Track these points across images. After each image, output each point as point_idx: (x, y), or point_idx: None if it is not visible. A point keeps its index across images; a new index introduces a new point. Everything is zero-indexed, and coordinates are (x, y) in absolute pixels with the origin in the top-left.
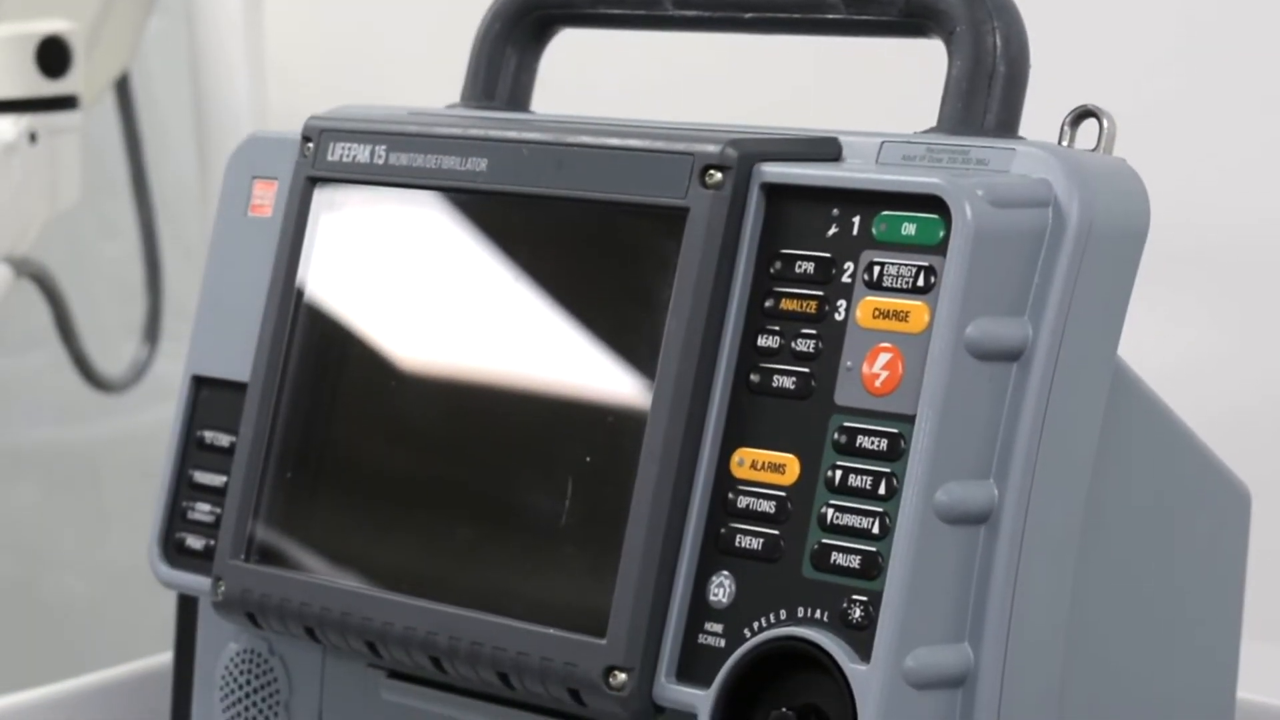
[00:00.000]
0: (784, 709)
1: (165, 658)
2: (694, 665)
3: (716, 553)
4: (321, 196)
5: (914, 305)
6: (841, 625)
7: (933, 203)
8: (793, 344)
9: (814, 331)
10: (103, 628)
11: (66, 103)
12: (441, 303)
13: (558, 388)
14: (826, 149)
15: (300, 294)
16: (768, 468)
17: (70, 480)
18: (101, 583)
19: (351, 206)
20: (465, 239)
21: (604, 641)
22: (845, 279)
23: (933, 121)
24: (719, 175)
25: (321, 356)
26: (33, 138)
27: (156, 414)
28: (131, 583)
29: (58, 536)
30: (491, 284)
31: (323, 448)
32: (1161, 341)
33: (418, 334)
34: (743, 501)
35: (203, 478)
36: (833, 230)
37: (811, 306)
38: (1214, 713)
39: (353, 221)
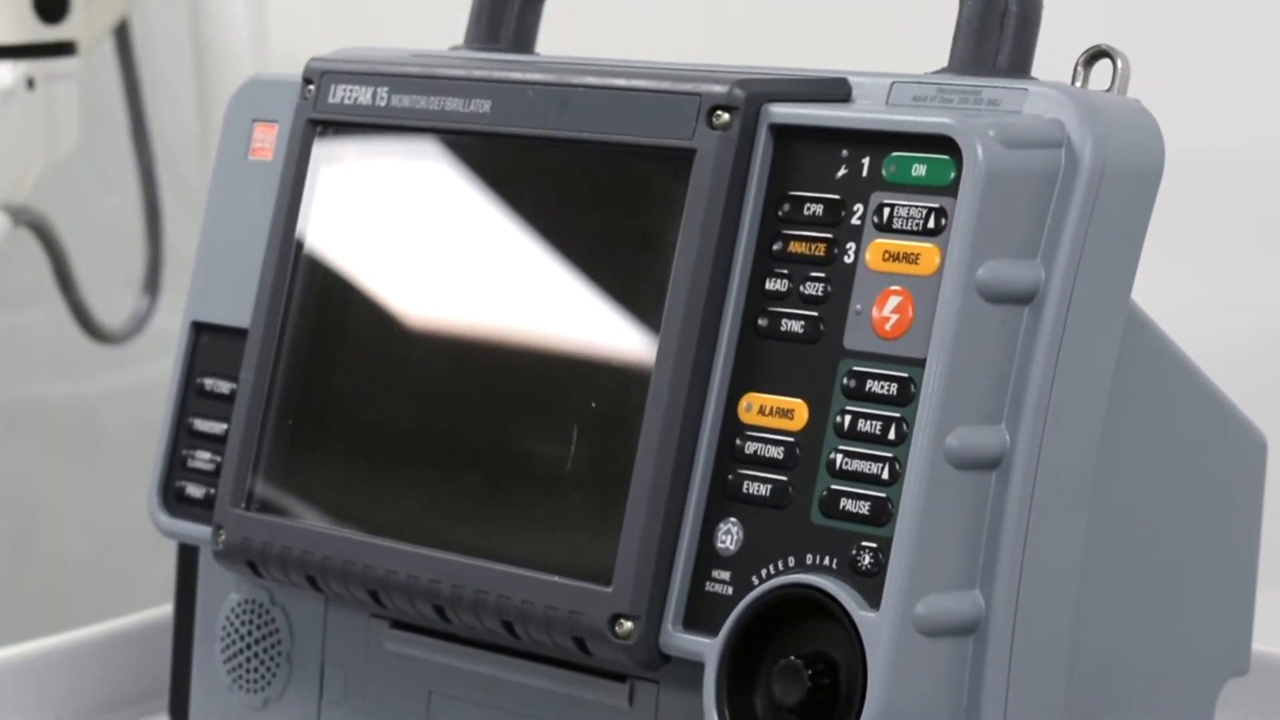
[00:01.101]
0: (792, 657)
1: (165, 610)
2: (701, 613)
3: (724, 499)
4: (321, 149)
5: (924, 247)
6: (851, 572)
7: (943, 143)
8: (801, 287)
9: (823, 274)
10: (102, 585)
11: (64, 49)
12: (444, 248)
13: (562, 334)
14: (836, 90)
15: (300, 240)
16: (776, 413)
17: (69, 436)
18: (101, 540)
19: (351, 159)
20: (467, 184)
21: (610, 589)
22: (854, 221)
23: (944, 62)
24: (726, 116)
25: (323, 303)
26: (30, 84)
27: (157, 368)
28: (131, 539)
29: (57, 492)
30: (494, 229)
31: (325, 395)
32: (1175, 287)
33: (420, 280)
34: (750, 447)
35: (202, 425)
36: (842, 172)
37: (820, 249)
38: (1229, 663)
39: (353, 170)
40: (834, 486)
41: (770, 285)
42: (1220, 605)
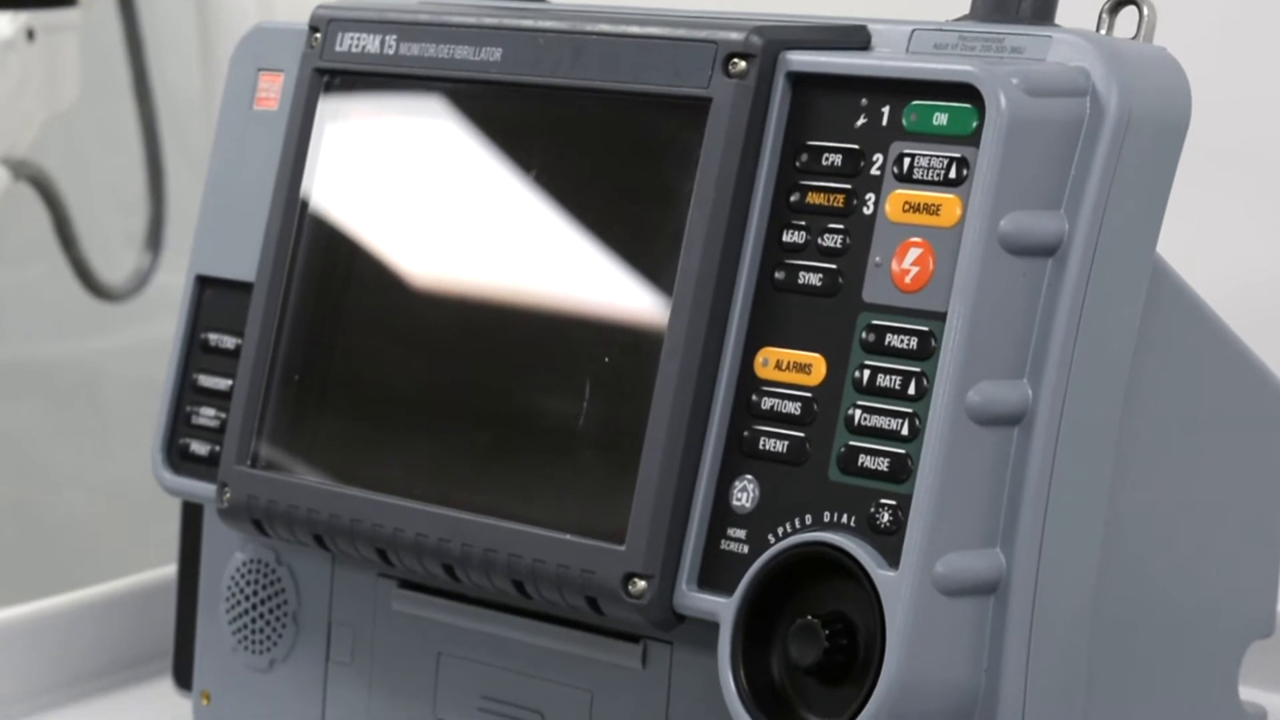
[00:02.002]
0: (809, 617)
1: (169, 570)
2: (716, 572)
3: (740, 456)
4: (327, 105)
5: (945, 198)
6: (869, 530)
7: (965, 91)
8: (819, 239)
9: (841, 226)
10: (104, 547)
11: (65, 0)
12: (453, 201)
13: (575, 287)
14: (855, 37)
15: (306, 194)
16: (793, 368)
17: (71, 395)
18: (103, 500)
19: (357, 115)
20: (477, 136)
21: (623, 548)
22: (874, 171)
23: (965, 9)
24: (743, 64)
25: (330, 257)
26: (30, 35)
27: (159, 327)
28: (134, 500)
29: (58, 452)
30: (504, 182)
31: (332, 350)
32: (1201, 241)
33: (429, 233)
34: (767, 403)
35: (207, 381)
36: (861, 121)
37: (839, 200)
38: (1253, 625)
39: (359, 124)
40: (852, 443)
41: (787, 237)
42: (1246, 566)
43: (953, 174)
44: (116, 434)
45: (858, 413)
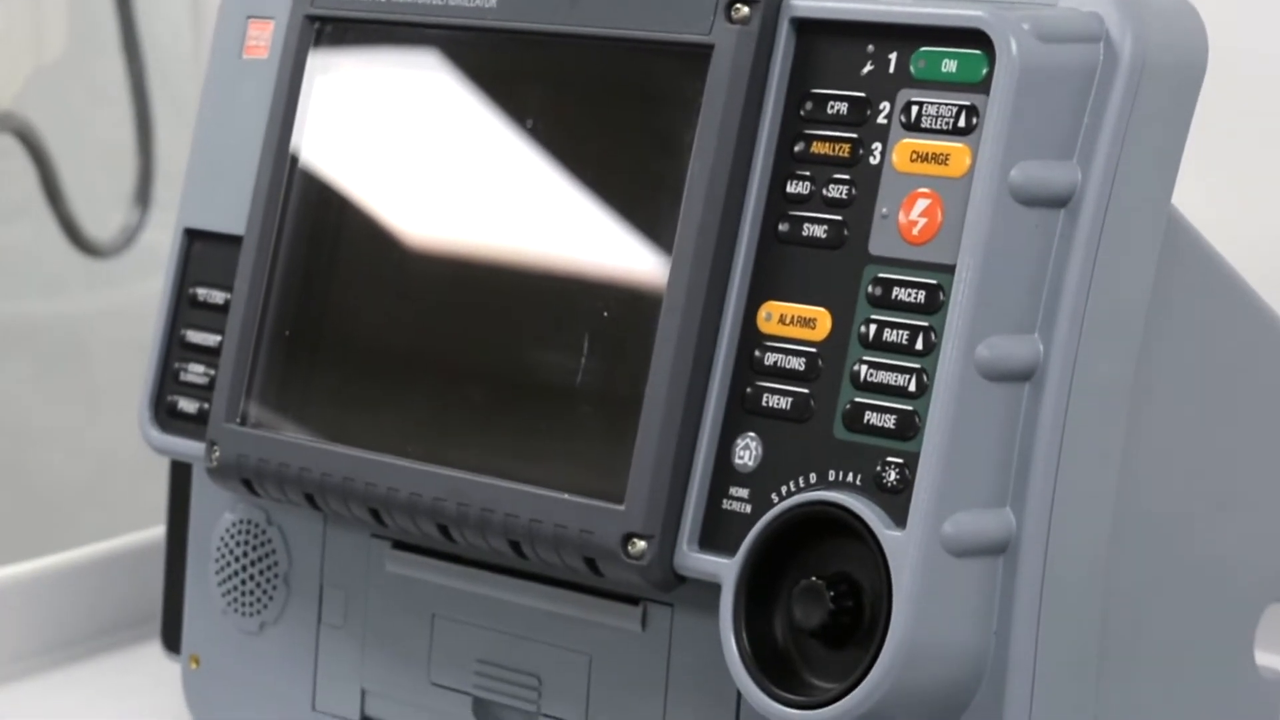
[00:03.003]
0: (813, 578)
1: (158, 531)
2: (718, 532)
3: (742, 413)
4: (316, 59)
5: (954, 147)
6: (875, 489)
7: (975, 37)
8: (824, 190)
9: (847, 176)
10: (93, 510)
11: None
12: (448, 153)
13: (572, 241)
14: None
15: (297, 145)
16: (797, 322)
17: (58, 355)
18: (91, 463)
19: (349, 66)
20: (472, 86)
21: (622, 507)
22: (881, 120)
23: None
24: (746, 9)
25: (321, 210)
26: None
27: (148, 286)
28: (123, 463)
29: (45, 413)
30: (500, 132)
31: (323, 305)
32: (1218, 193)
33: (422, 186)
34: (770, 358)
35: (196, 337)
36: (867, 68)
37: (844, 150)
38: (1271, 585)
39: (350, 75)
40: (858, 399)
41: (791, 188)
42: (1263, 526)
43: (962, 122)
44: (105, 395)
45: (864, 368)
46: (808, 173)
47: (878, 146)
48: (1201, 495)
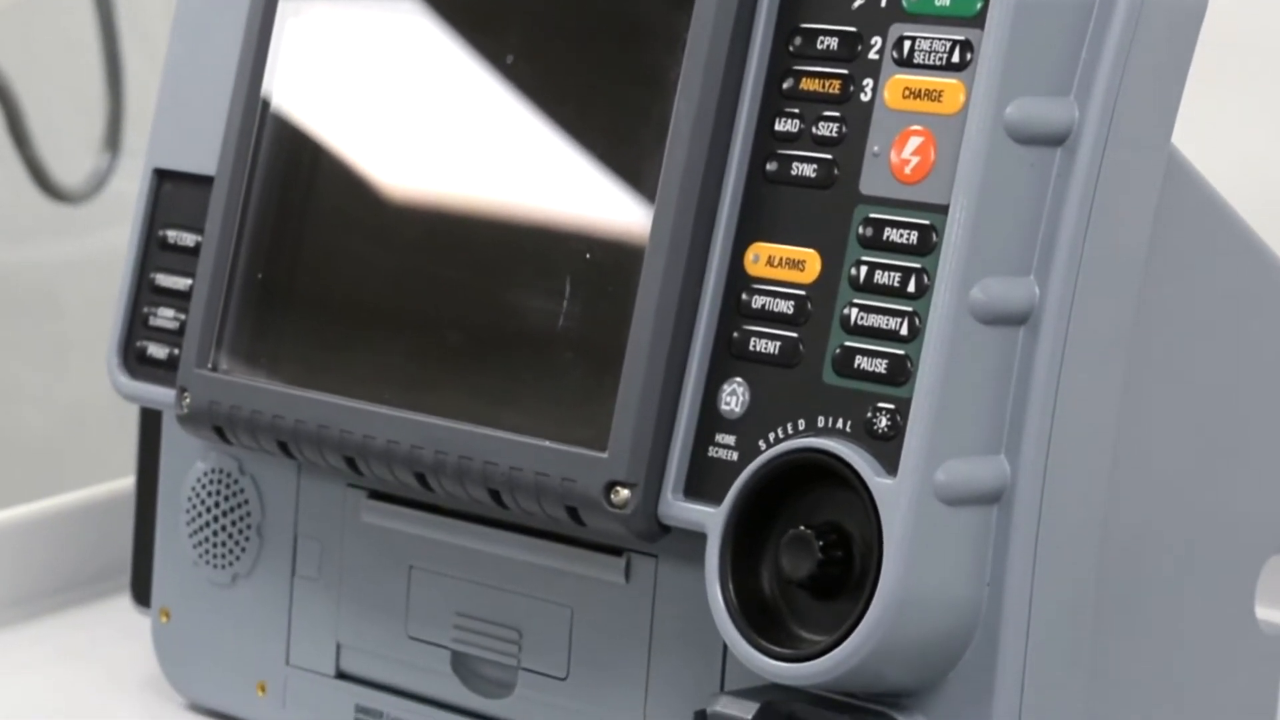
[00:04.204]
0: (802, 527)
1: (127, 482)
2: (703, 481)
3: (729, 357)
4: (287, 4)
5: (948, 84)
6: (866, 435)
7: None
8: (814, 128)
9: (837, 114)
10: (62, 464)
11: None
12: (425, 90)
13: (554, 180)
14: None
15: (269, 82)
16: (785, 264)
17: (26, 304)
18: (61, 416)
19: (321, 4)
20: (449, 21)
21: (605, 455)
22: (872, 55)
23: None
24: None
25: (295, 149)
26: None
27: (118, 236)
28: (94, 416)
29: (12, 365)
30: (479, 69)
31: (298, 246)
32: (1218, 134)
33: (398, 124)
34: (758, 301)
35: (166, 280)
36: (858, 1)
37: (835, 86)
38: (1271, 538)
39: (325, 10)
40: (848, 343)
41: (780, 126)
42: (1265, 476)
43: (956, 58)
44: (75, 346)
45: (854, 311)
46: (797, 110)
47: (869, 83)
48: (1201, 443)
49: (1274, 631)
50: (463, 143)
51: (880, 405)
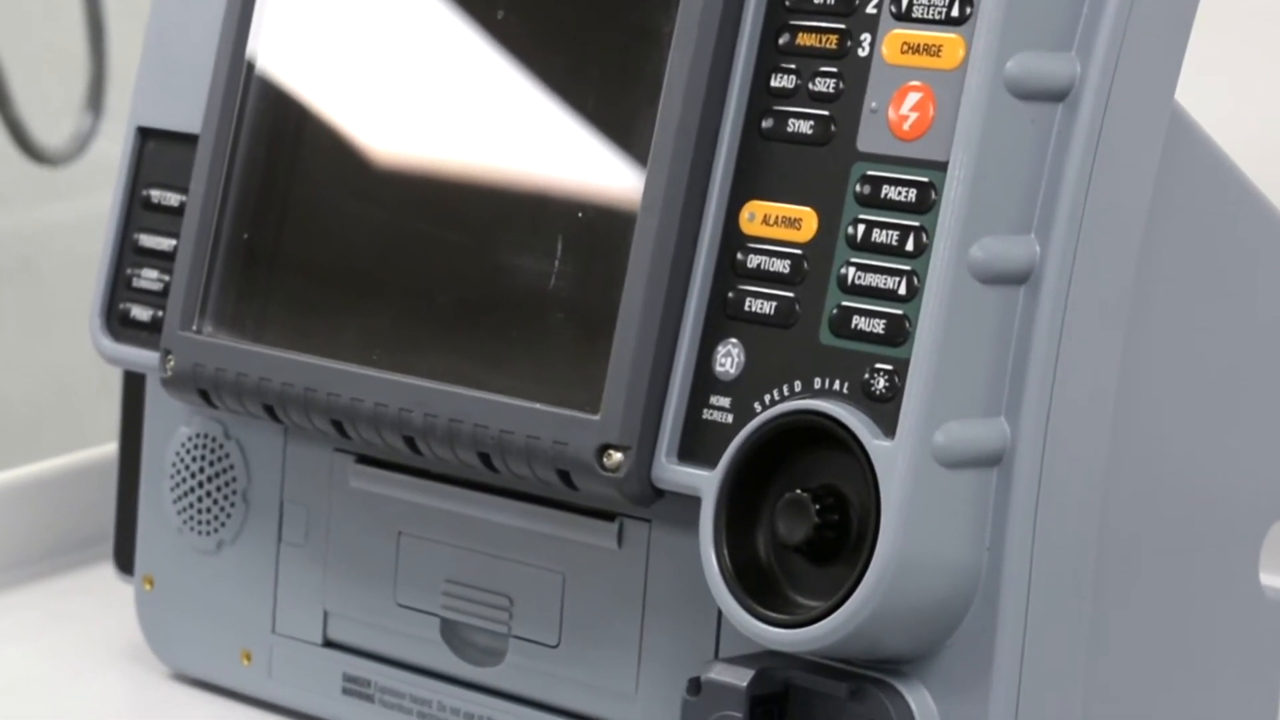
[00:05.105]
0: (798, 490)
1: (110, 448)
2: (698, 443)
3: (723, 318)
4: None
5: (947, 38)
6: (863, 397)
7: None
8: (810, 83)
9: (834, 69)
10: (44, 431)
11: None
12: (413, 47)
13: (545, 138)
14: None
15: (255, 37)
16: (781, 222)
17: (7, 269)
18: (42, 382)
19: None
20: None
21: (597, 417)
22: (870, 9)
23: None
24: None
25: (281, 106)
26: None
27: (101, 200)
28: (76, 383)
29: None
30: (469, 23)
31: (284, 205)
32: (1220, 89)
33: (388, 81)
34: (753, 260)
35: (149, 241)
36: None
37: (831, 41)
38: (1277, 502)
39: None
40: (845, 303)
41: (776, 81)
42: (1270, 438)
43: (955, 11)
44: (57, 312)
45: (851, 270)
46: (793, 65)
47: (867, 37)
48: (1205, 405)
49: (1279, 598)
50: (452, 100)
51: (878, 366)
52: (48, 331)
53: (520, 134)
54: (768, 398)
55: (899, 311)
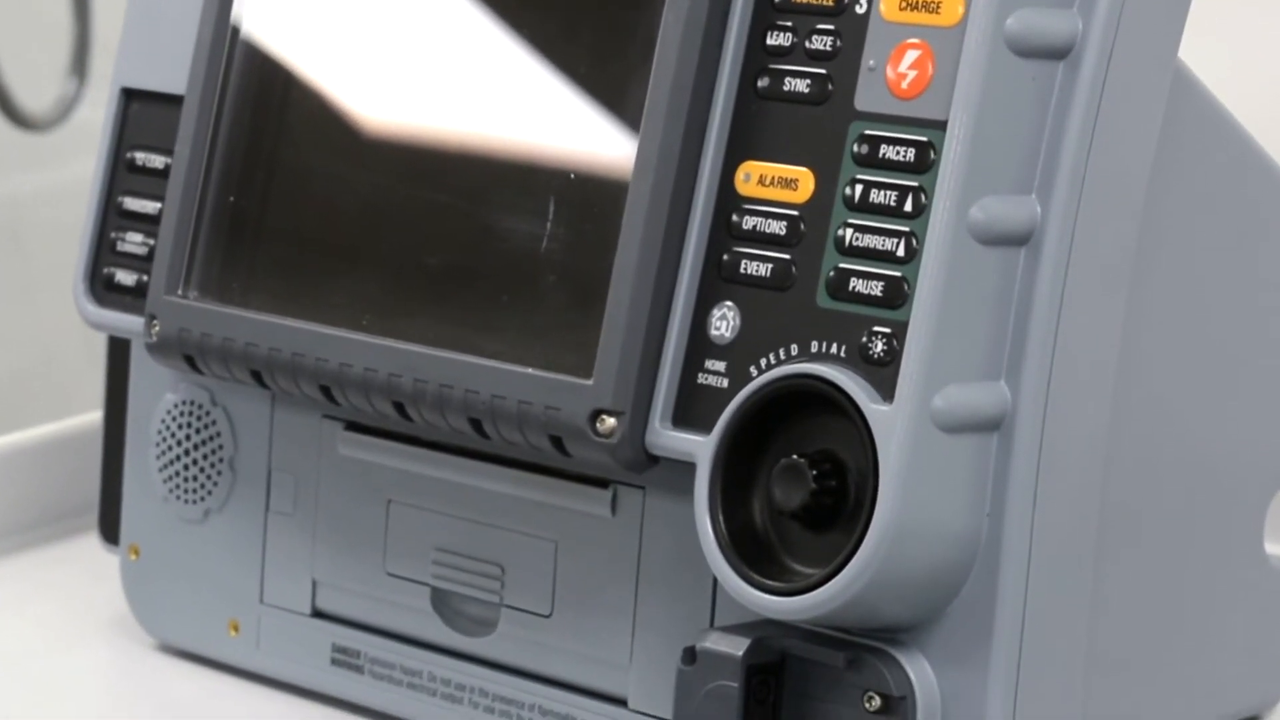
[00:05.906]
0: (794, 456)
1: (94, 416)
2: (692, 408)
3: (719, 280)
4: None
5: None
6: (861, 361)
7: None
8: (807, 41)
9: (831, 27)
10: (29, 401)
11: None
12: (402, 6)
13: (536, 98)
14: None
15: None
16: (778, 183)
17: None
18: (27, 352)
19: None
20: None
21: (590, 382)
22: None
23: None
24: None
25: (268, 66)
26: None
27: (86, 167)
28: (61, 353)
29: None
30: None
31: (272, 168)
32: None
33: (376, 42)
34: (749, 222)
35: (134, 204)
36: None
37: None
38: (1276, 465)
39: None
40: (843, 265)
41: (772, 39)
42: (1274, 405)
43: None
44: (43, 281)
45: (849, 232)
46: (789, 23)
47: None
48: (1209, 370)
49: None
50: (441, 60)
51: (876, 329)
52: (33, 299)
53: (510, 95)
54: (764, 362)
55: (897, 273)
